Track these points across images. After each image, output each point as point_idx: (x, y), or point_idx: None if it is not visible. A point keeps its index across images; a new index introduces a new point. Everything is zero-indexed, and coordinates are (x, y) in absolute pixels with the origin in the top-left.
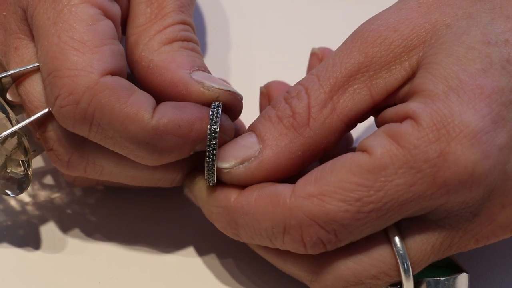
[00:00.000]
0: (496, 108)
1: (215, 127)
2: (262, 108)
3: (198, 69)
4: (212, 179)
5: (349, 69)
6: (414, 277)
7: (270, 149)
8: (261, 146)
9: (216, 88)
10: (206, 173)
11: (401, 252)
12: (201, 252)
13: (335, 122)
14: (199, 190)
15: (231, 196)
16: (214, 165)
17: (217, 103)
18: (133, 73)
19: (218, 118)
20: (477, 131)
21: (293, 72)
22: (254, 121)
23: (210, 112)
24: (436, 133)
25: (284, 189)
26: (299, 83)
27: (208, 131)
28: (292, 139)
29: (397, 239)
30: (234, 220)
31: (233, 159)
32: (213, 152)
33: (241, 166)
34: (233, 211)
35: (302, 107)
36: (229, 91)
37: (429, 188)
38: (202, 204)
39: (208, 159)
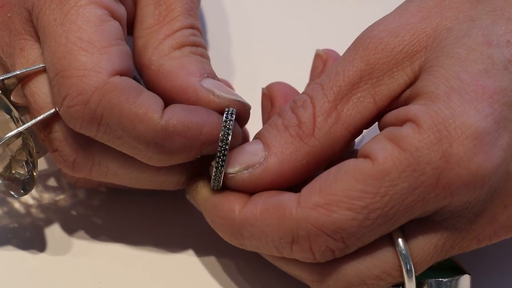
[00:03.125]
0: (499, 109)
1: (228, 134)
2: (264, 109)
3: (207, 76)
4: (217, 185)
5: (352, 77)
6: (417, 278)
7: (275, 156)
8: (266, 153)
9: (225, 97)
10: (212, 178)
11: (403, 252)
12: (201, 253)
13: (340, 131)
14: (202, 199)
15: (236, 207)
16: (222, 171)
17: (231, 109)
18: (141, 76)
19: (231, 125)
20: (479, 132)
21: (295, 71)
22: (261, 129)
23: (224, 118)
24: (437, 134)
25: (289, 199)
26: (304, 92)
27: (221, 137)
28: (297, 148)
29: (400, 239)
30: (239, 232)
31: (238, 164)
32: (223, 158)
33: (245, 171)
34: (238, 223)
35: (307, 116)
36: (238, 101)
37: (433, 190)
38: (205, 214)
39: (217, 164)
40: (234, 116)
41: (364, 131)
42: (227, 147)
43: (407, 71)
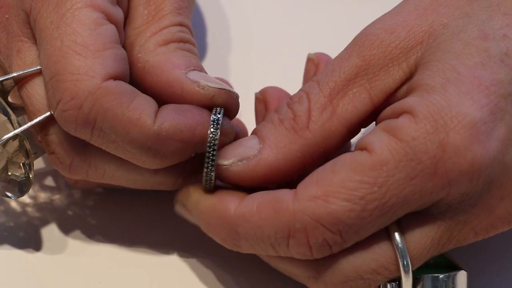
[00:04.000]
0: (495, 100)
1: (215, 134)
2: (257, 114)
3: (194, 69)
4: (210, 184)
5: (347, 73)
6: (413, 274)
7: (270, 148)
8: (261, 146)
9: (211, 87)
10: (204, 177)
11: (400, 246)
12: (200, 252)
13: (335, 126)
14: (194, 203)
15: (231, 205)
16: (213, 170)
17: (218, 108)
18: (130, 74)
19: (218, 125)
20: (475, 122)
21: (293, 74)
22: (258, 125)
23: (211, 119)
24: (433, 124)
25: (285, 194)
26: (301, 89)
27: (208, 138)
28: (291, 140)
29: (396, 233)
30: (235, 230)
31: (232, 156)
32: (212, 158)
33: (239, 163)
34: (234, 220)
35: (302, 110)
36: (224, 89)
37: (430, 179)
38: (198, 217)
39: (207, 164)
40: (221, 115)
41: (362, 130)
42: (215, 148)
43: (403, 67)
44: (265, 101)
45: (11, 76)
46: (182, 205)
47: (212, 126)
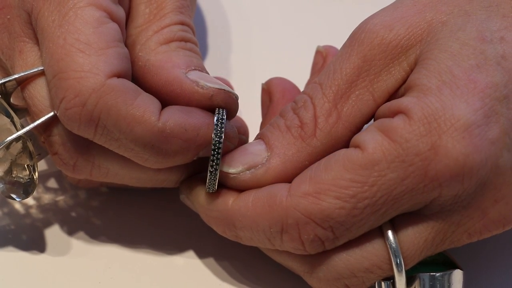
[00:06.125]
0: (489, 103)
1: (220, 135)
2: (263, 104)
3: (194, 69)
4: (213, 187)
5: (349, 75)
6: (409, 272)
7: (278, 157)
8: (269, 154)
9: (210, 86)
10: (208, 181)
11: (393, 245)
12: (201, 253)
13: (341, 131)
14: (196, 196)
15: (229, 199)
16: (217, 173)
17: (221, 110)
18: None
19: (223, 126)
20: (468, 125)
21: (294, 73)
22: (263, 129)
23: (215, 120)
24: (427, 126)
25: (280, 189)
26: (304, 92)
27: (213, 140)
28: (299, 149)
29: (389, 232)
30: (232, 223)
31: (240, 164)
32: (216, 160)
33: (247, 172)
34: (231, 214)
35: (308, 117)
36: (224, 90)
37: (421, 181)
38: (200, 209)
39: (212, 167)
40: (225, 117)
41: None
42: (220, 150)
43: (404, 66)
44: (269, 92)
45: (14, 77)
46: (185, 196)
47: (216, 127)
